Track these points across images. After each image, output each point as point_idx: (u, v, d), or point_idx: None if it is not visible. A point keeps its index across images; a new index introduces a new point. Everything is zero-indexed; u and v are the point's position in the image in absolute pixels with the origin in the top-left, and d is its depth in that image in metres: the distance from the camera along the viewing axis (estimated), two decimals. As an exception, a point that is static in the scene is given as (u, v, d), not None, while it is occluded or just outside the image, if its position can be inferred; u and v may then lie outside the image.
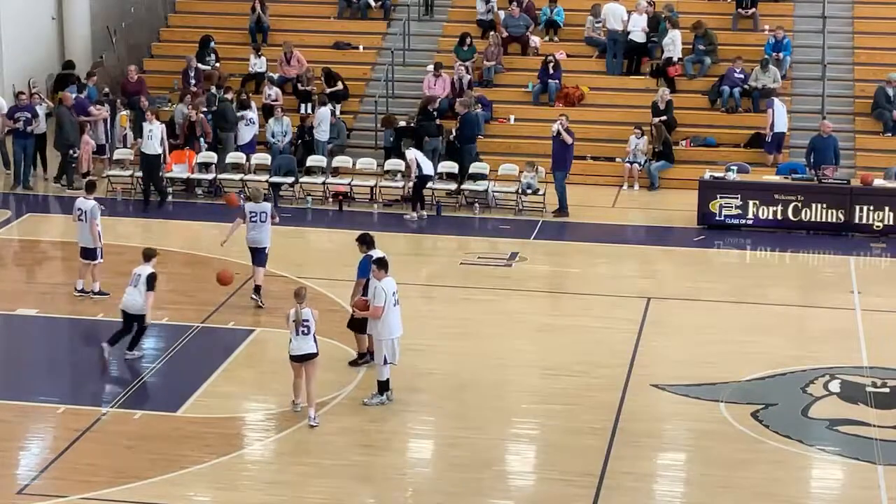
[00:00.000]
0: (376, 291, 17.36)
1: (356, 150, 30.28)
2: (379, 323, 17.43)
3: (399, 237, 25.42)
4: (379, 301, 17.32)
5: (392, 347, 17.55)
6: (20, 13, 33.25)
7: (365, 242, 18.77)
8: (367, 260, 18.29)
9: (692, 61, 31.72)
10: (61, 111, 28.95)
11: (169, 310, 21.23)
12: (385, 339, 17.47)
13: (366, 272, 18.16)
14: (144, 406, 17.65)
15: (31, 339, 20.69)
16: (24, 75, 33.53)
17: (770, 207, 26.34)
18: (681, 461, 16.82)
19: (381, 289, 17.37)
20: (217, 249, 24.07)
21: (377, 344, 17.64)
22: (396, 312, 17.56)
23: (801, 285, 23.49)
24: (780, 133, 29.23)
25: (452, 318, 20.86)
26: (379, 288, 17.37)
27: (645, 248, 25.72)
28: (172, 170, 28.42)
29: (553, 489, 15.60)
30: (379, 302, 17.32)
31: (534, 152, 28.85)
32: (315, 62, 32.26)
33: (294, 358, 17.31)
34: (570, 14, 33.25)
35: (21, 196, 28.49)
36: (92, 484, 15.43)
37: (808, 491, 16.05)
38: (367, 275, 18.08)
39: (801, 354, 19.75)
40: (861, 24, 32.94)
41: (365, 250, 18.64)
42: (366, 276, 18.16)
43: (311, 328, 17.15)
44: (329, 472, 15.92)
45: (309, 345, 17.23)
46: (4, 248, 25.01)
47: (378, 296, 17.33)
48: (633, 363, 19.33)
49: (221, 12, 35.29)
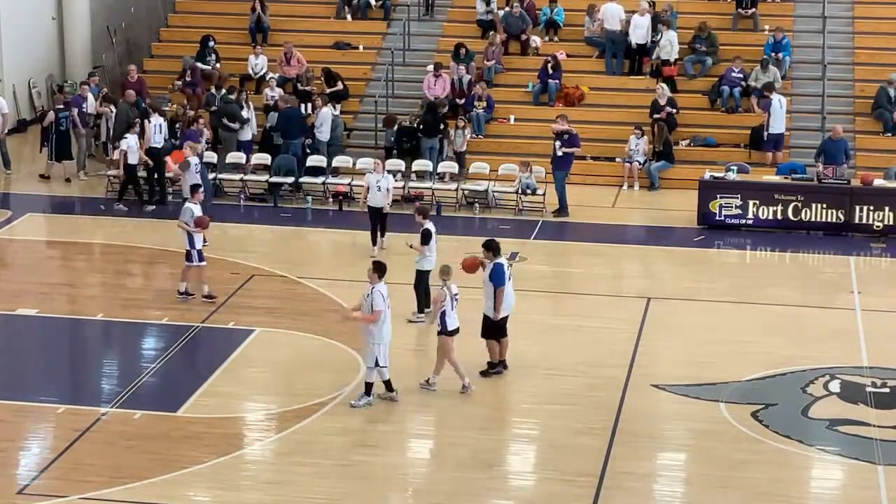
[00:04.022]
0: (374, 295, 17.35)
1: (356, 150, 30.30)
2: (376, 327, 17.39)
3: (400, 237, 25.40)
4: (379, 305, 17.32)
5: (383, 351, 17.53)
6: (20, 13, 33.27)
7: (491, 249, 18.63)
8: (501, 267, 18.35)
9: (692, 61, 31.73)
10: (121, 107, 29.18)
11: (169, 310, 21.24)
12: (380, 342, 17.44)
13: (502, 280, 18.27)
14: (144, 406, 17.63)
15: (31, 339, 20.69)
16: (24, 75, 33.57)
17: (770, 207, 26.34)
18: (681, 461, 16.82)
19: (380, 293, 17.37)
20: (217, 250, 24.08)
21: (370, 347, 17.55)
22: (388, 317, 17.57)
23: (801, 285, 23.48)
24: (780, 133, 29.23)
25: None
26: (377, 292, 17.36)
27: (645, 248, 25.72)
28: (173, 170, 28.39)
29: (553, 489, 15.60)
30: (379, 306, 17.32)
31: (534, 152, 28.85)
32: (315, 62, 32.26)
33: (452, 332, 17.91)
34: (570, 14, 33.27)
35: (21, 196, 28.49)
36: (92, 484, 15.43)
37: (808, 491, 16.05)
38: (504, 282, 18.26)
39: (801, 354, 19.75)
40: (861, 24, 32.95)
41: (492, 257, 18.54)
42: (502, 283, 18.28)
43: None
44: (329, 472, 15.93)
45: (457, 318, 18.04)
46: (4, 248, 25.01)
47: (377, 300, 17.33)
48: (633, 363, 19.33)
49: (221, 12, 35.30)
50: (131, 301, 21.86)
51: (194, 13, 35.92)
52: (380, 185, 23.52)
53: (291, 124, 28.80)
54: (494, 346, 18.70)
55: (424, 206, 21.58)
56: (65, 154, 29.64)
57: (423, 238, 20.55)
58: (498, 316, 18.44)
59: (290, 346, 19.95)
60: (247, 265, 23.39)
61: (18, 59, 33.22)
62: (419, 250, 20.63)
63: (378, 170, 23.87)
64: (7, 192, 28.80)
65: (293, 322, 20.79)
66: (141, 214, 26.89)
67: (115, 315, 21.20)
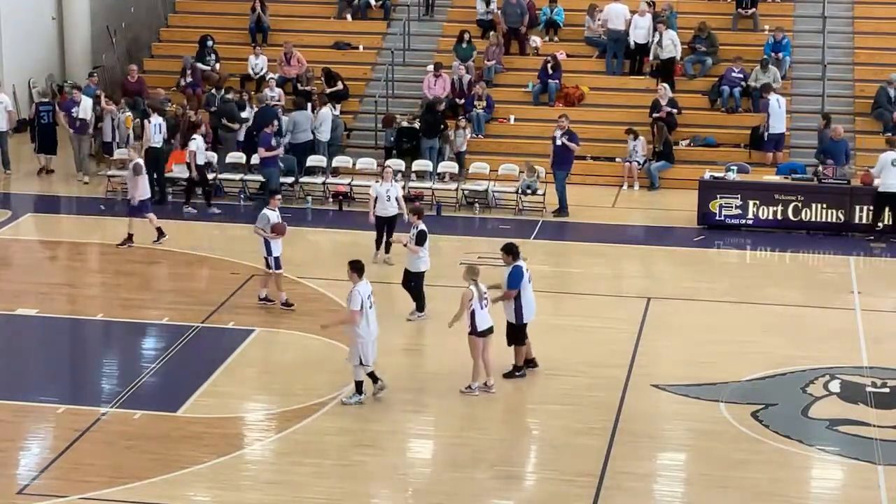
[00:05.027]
0: (353, 295, 17.33)
1: (356, 150, 30.30)
2: (357, 326, 17.35)
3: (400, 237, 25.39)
4: (356, 305, 17.27)
5: (368, 349, 17.49)
6: (20, 13, 33.28)
7: (511, 252, 18.65)
8: (519, 270, 18.38)
9: (693, 61, 31.74)
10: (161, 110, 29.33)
11: (169, 310, 21.24)
12: (363, 340, 17.41)
13: (517, 283, 18.30)
14: (144, 406, 17.63)
15: (31, 339, 20.68)
16: (24, 75, 33.57)
17: (770, 207, 26.34)
18: (681, 461, 16.82)
19: (358, 292, 17.34)
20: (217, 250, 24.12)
21: (354, 346, 17.52)
22: (373, 315, 17.56)
23: (801, 285, 23.48)
24: (780, 133, 29.22)
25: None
26: (355, 292, 17.34)
27: (645, 248, 25.71)
28: (173, 170, 28.43)
29: (553, 489, 15.60)
30: (356, 306, 17.27)
31: (534, 152, 28.85)
32: (315, 62, 32.27)
33: (483, 332, 17.86)
34: (570, 14, 33.27)
35: (21, 196, 28.50)
36: (92, 484, 15.43)
37: (808, 491, 16.05)
38: (518, 286, 18.29)
39: (801, 354, 19.74)
40: (861, 24, 32.95)
41: (511, 261, 18.56)
42: (517, 287, 18.31)
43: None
44: (329, 472, 15.92)
45: (490, 317, 17.90)
46: (4, 248, 25.01)
47: (354, 300, 17.28)
48: (633, 363, 19.33)
49: (221, 12, 35.30)
50: (131, 301, 21.86)
51: (194, 13, 35.92)
52: (389, 195, 23.29)
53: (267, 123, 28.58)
54: (521, 350, 18.72)
55: (418, 206, 21.53)
56: (48, 147, 30.11)
57: (419, 239, 20.56)
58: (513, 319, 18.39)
59: (290, 346, 19.96)
60: (247, 265, 23.37)
61: (18, 59, 33.23)
62: (413, 251, 20.64)
63: (387, 178, 23.61)
64: (7, 193, 28.81)
65: (293, 322, 20.79)
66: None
67: (115, 315, 21.20)
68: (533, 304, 18.65)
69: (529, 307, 18.54)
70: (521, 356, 18.72)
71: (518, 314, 18.42)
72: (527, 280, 18.50)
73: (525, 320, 18.50)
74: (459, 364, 18.55)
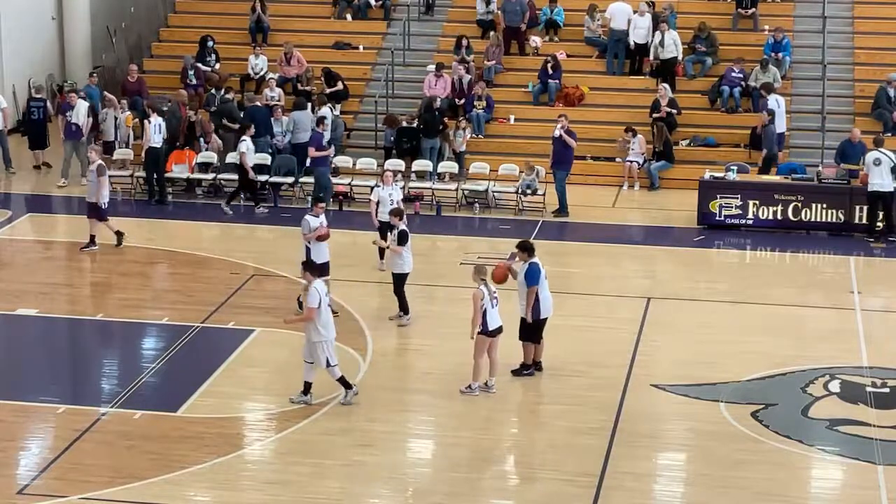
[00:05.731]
0: (310, 292, 17.26)
1: (356, 150, 30.30)
2: (314, 326, 17.21)
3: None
4: (313, 303, 17.14)
5: (329, 349, 17.44)
6: (20, 13, 33.28)
7: (526, 250, 18.63)
8: (536, 266, 18.38)
9: (693, 61, 31.74)
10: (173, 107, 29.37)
11: (169, 310, 21.24)
12: (323, 340, 17.32)
13: (535, 279, 18.30)
14: (144, 406, 17.62)
15: (31, 339, 20.68)
16: (24, 75, 33.57)
17: (770, 207, 26.34)
18: (681, 461, 16.82)
19: (316, 290, 17.25)
20: (217, 249, 24.09)
21: (314, 347, 17.36)
22: (330, 314, 17.51)
23: (801, 285, 23.47)
24: (780, 133, 29.19)
25: (452, 318, 20.81)
26: (313, 289, 17.25)
27: (645, 248, 25.71)
28: (173, 170, 28.43)
29: (553, 489, 15.60)
30: (313, 304, 17.14)
31: (534, 152, 28.84)
32: (315, 62, 32.27)
33: (493, 332, 17.84)
34: (570, 14, 33.26)
35: (21, 196, 28.50)
36: (91, 484, 15.42)
37: (808, 491, 16.04)
38: (537, 282, 18.29)
39: (801, 354, 19.74)
40: (861, 24, 32.94)
41: (527, 257, 18.55)
42: (535, 283, 18.30)
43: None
44: (329, 472, 15.92)
45: (500, 317, 17.94)
46: (4, 248, 25.00)
47: (312, 297, 17.16)
48: (633, 363, 19.33)
49: (221, 12, 35.31)
50: (131, 301, 21.86)
51: (194, 13, 35.92)
52: (392, 198, 23.16)
53: (256, 123, 28.58)
54: (530, 348, 18.71)
55: (397, 207, 21.32)
56: (39, 143, 30.49)
57: (400, 239, 20.53)
58: (529, 317, 18.41)
59: (290, 346, 19.90)
60: (247, 265, 23.38)
61: (18, 59, 33.23)
62: (395, 251, 20.57)
63: (388, 182, 23.45)
64: (7, 193, 28.81)
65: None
66: (145, 212, 26.80)
67: (115, 315, 21.20)
68: (550, 300, 18.66)
69: (546, 304, 18.56)
70: (529, 355, 18.73)
71: (535, 310, 18.44)
72: (543, 276, 18.51)
73: (542, 316, 18.52)
74: (459, 364, 18.56)
